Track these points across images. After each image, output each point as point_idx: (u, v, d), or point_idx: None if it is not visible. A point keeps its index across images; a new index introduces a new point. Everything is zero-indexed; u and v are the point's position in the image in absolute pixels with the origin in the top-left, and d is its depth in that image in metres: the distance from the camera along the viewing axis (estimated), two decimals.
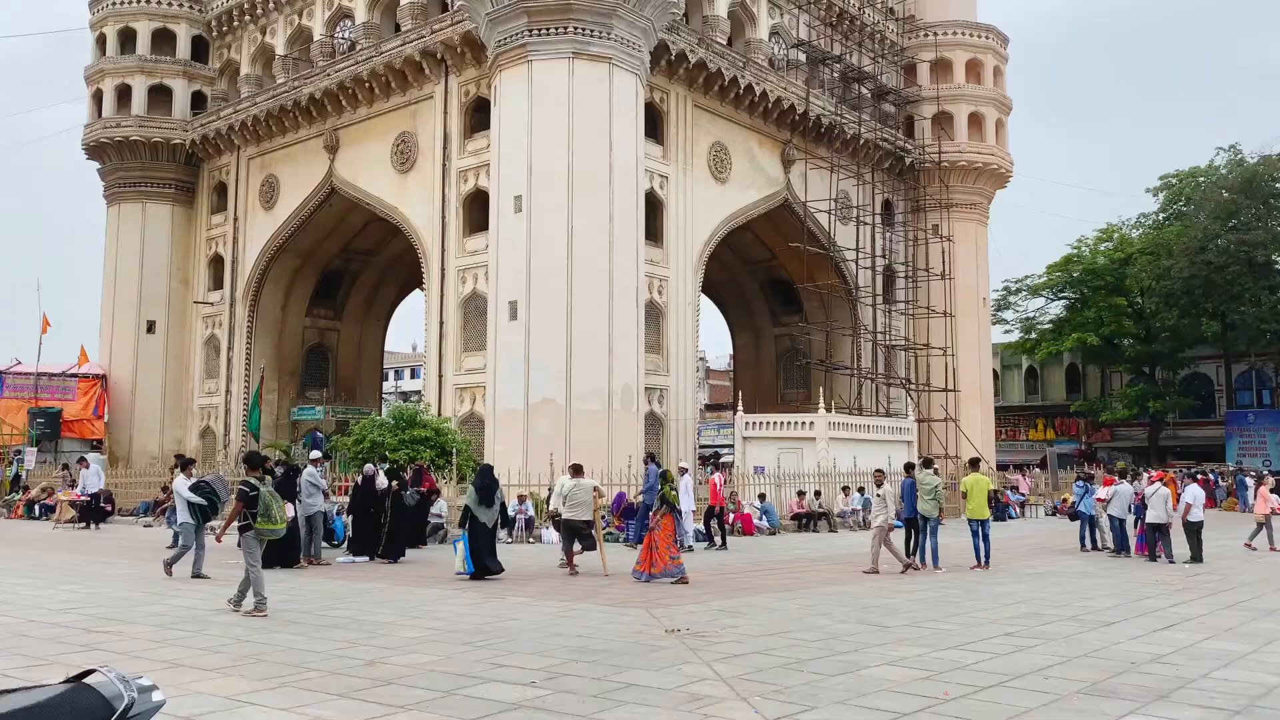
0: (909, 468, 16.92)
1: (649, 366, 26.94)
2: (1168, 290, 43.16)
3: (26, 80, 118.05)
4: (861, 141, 34.92)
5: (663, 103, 29.19)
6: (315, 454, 17.45)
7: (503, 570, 13.90)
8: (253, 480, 10.55)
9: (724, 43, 31.00)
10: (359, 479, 16.83)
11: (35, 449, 32.84)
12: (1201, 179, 46.24)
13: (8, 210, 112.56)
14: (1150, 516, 16.82)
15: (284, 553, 14.24)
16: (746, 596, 12.28)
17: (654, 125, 28.57)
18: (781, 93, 32.16)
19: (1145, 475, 21.18)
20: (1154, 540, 16.96)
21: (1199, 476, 27.02)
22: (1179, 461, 40.32)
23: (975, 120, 38.11)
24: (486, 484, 14.21)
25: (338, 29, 33.31)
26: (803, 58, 34.04)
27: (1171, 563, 16.45)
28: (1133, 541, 17.88)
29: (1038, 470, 37.66)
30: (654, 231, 28.12)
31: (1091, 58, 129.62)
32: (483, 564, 13.62)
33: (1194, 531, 16.78)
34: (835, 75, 35.15)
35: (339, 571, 14.91)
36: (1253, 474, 32.89)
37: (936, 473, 16.52)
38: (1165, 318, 44.68)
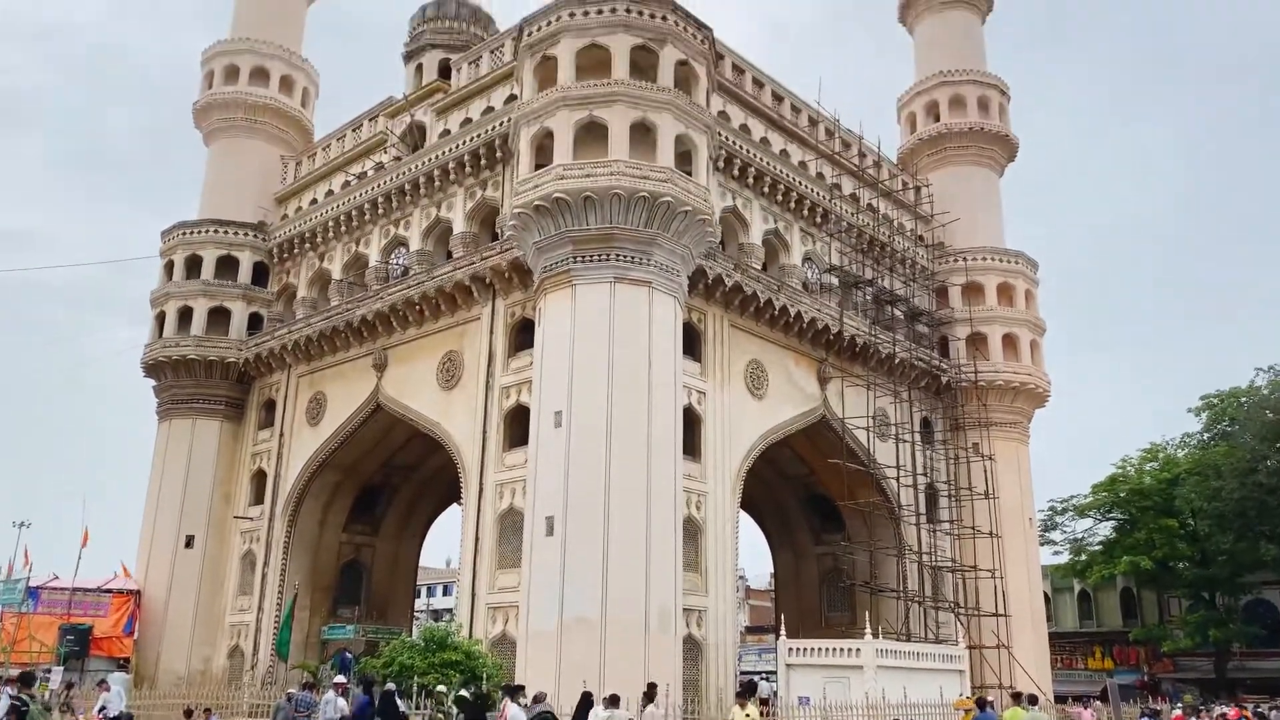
0: (982, 704, 16.22)
1: (687, 586, 26.27)
2: (1220, 512, 41.95)
3: (82, 301, 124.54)
4: (897, 361, 35.38)
5: (700, 322, 30.01)
6: (339, 679, 16.93)
7: None
8: (24, 698, 11.04)
9: (759, 268, 32.17)
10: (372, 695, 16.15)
11: (62, 667, 32.20)
12: (1244, 399, 45.91)
13: (62, 428, 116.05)
14: None
15: None
16: None
17: (692, 343, 29.25)
18: (815, 314, 32.99)
19: (1216, 710, 19.80)
20: None
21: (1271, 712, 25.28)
22: (1250, 696, 37.77)
23: (1010, 341, 38.62)
24: (389, 712, 14.06)
25: (393, 255, 35.10)
26: (835, 281, 35.11)
27: None
28: None
29: (1098, 703, 35.45)
30: (692, 447, 28.18)
31: (1123, 276, 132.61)
32: None
33: None
34: (868, 297, 36.10)
35: None
36: None
37: (1041, 709, 15.80)
38: (1220, 541, 43.15)
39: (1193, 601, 47.14)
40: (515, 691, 14.88)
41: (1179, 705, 21.77)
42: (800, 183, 34.23)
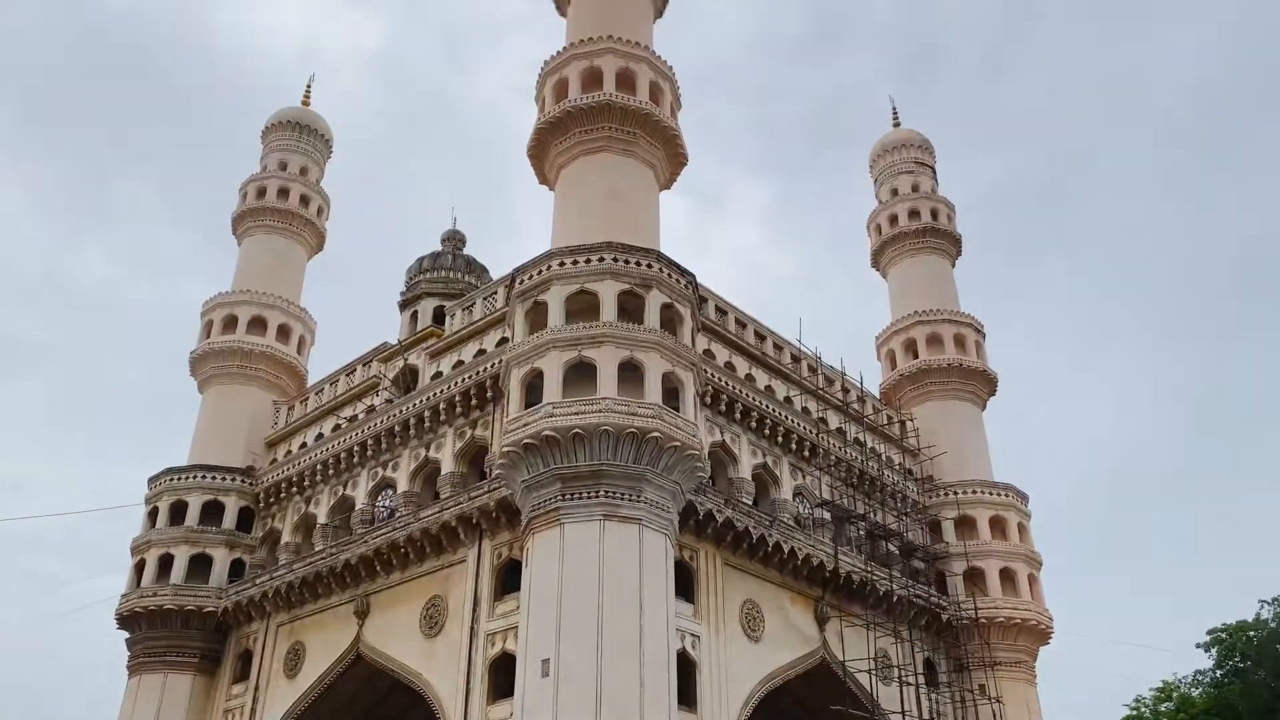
0: None
1: None
2: None
3: (73, 552, 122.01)
4: (895, 598, 34.51)
5: (692, 560, 29.42)
6: None
7: None
8: None
9: (750, 502, 31.97)
10: None
11: None
12: (1252, 633, 44.65)
13: (29, 683, 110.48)
14: None
15: None
16: None
17: (685, 583, 28.52)
18: (810, 550, 32.47)
19: None
20: None
21: None
22: None
23: (1007, 575, 37.85)
24: None
25: (380, 497, 34.82)
26: (828, 515, 34.83)
27: None
28: None
29: None
30: (687, 696, 26.77)
31: (1115, 504, 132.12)
32: None
33: None
34: (861, 533, 35.69)
35: None
36: None
37: None
38: None
39: None
40: None
41: None
42: (787, 417, 34.69)
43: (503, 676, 26.95)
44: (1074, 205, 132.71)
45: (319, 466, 36.74)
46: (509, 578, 28.51)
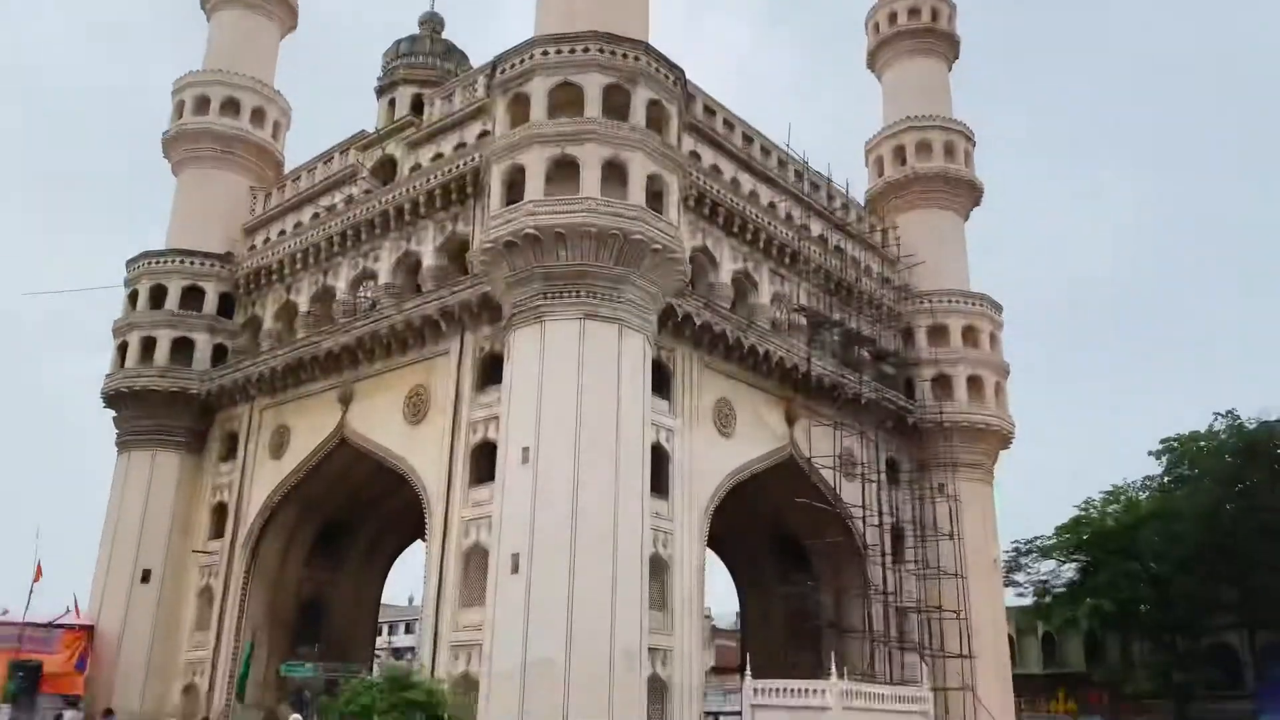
0: None
1: (652, 625, 26.06)
2: (1181, 556, 42.50)
3: (43, 331, 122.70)
4: (864, 401, 35.60)
5: (669, 360, 30.06)
6: (295, 717, 16.51)
7: None
8: None
9: (728, 306, 32.35)
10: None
11: (10, 705, 31.28)
12: (1203, 444, 46.63)
13: (15, 459, 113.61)
14: None
15: None
16: None
17: (661, 381, 29.26)
18: (784, 354, 33.17)
19: None
20: None
21: None
22: None
23: (974, 383, 38.97)
24: None
25: (361, 288, 34.91)
26: (804, 321, 35.36)
27: None
28: None
29: None
30: (659, 484, 28.09)
31: (1081, 324, 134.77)
32: None
33: None
34: (835, 338, 36.37)
35: None
36: None
37: None
38: (1181, 584, 43.64)
39: (1154, 644, 47.42)
40: None
41: None
42: (769, 223, 34.55)
43: (484, 462, 27.99)
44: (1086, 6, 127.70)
45: (299, 255, 36.58)
46: (491, 371, 29.09)
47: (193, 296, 38.24)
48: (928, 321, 39.58)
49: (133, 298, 38.49)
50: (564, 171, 26.10)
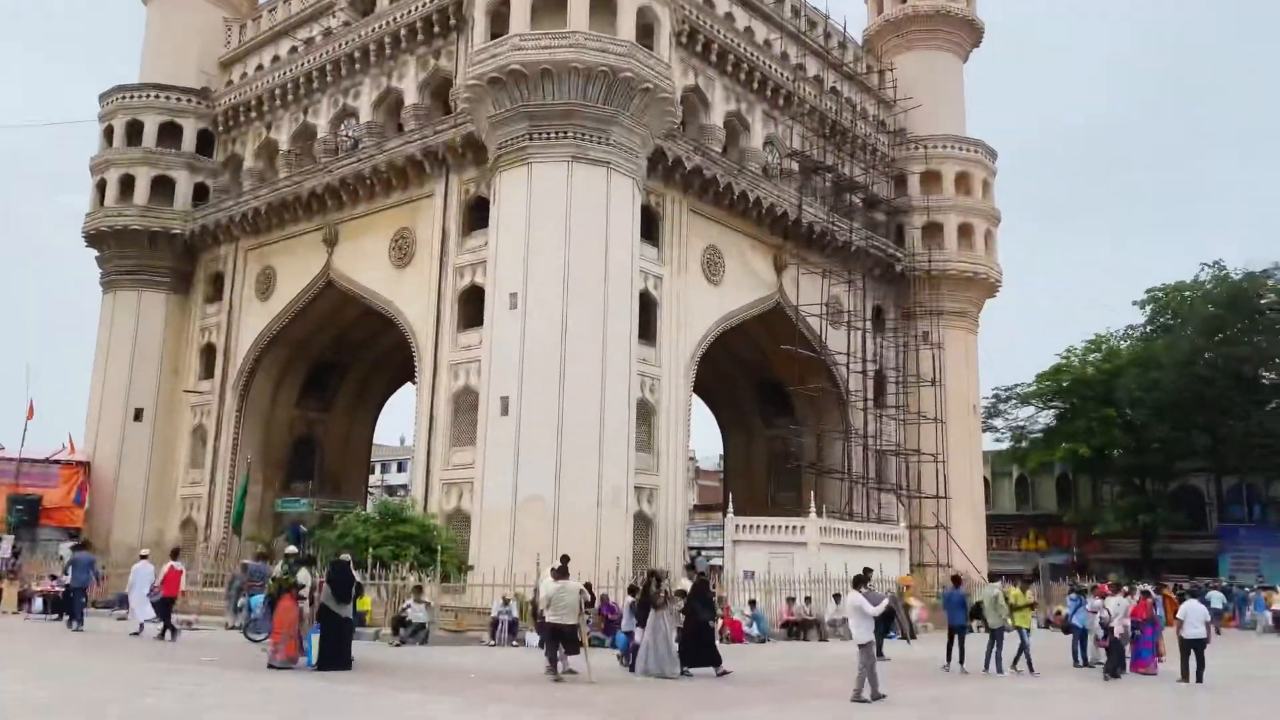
0: (956, 579, 18.47)
1: (639, 465, 26.76)
2: (1157, 403, 43.32)
3: (25, 172, 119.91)
4: (853, 249, 35.47)
5: (658, 206, 29.69)
6: (290, 549, 17.01)
7: (350, 668, 13.96)
8: None
9: (719, 150, 31.72)
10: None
11: (12, 536, 32.21)
12: (1187, 294, 46.91)
13: (4, 298, 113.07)
14: (1188, 632, 16.40)
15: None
16: (738, 709, 11.91)
17: (649, 227, 29.01)
18: (774, 200, 32.78)
19: (1139, 588, 20.86)
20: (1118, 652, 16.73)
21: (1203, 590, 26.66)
22: (1172, 576, 39.79)
23: (965, 231, 38.78)
24: (341, 580, 14.40)
25: (341, 127, 34.02)
26: (796, 166, 34.81)
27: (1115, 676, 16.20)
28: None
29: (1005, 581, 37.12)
30: (647, 331, 28.29)
31: (1074, 174, 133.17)
32: (333, 657, 13.91)
33: (1193, 649, 16.37)
34: (827, 184, 35.90)
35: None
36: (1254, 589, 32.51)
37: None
38: (1155, 430, 44.73)
39: (1124, 487, 49.01)
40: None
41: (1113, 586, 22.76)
42: (764, 62, 33.50)
43: (472, 307, 28.02)
44: None
45: (277, 90, 35.43)
46: (477, 214, 28.73)
47: (170, 133, 37.24)
48: (921, 167, 39.02)
49: (108, 134, 37.44)
50: (551, 3, 25.02)
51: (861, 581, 14.13)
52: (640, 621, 15.45)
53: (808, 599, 24.44)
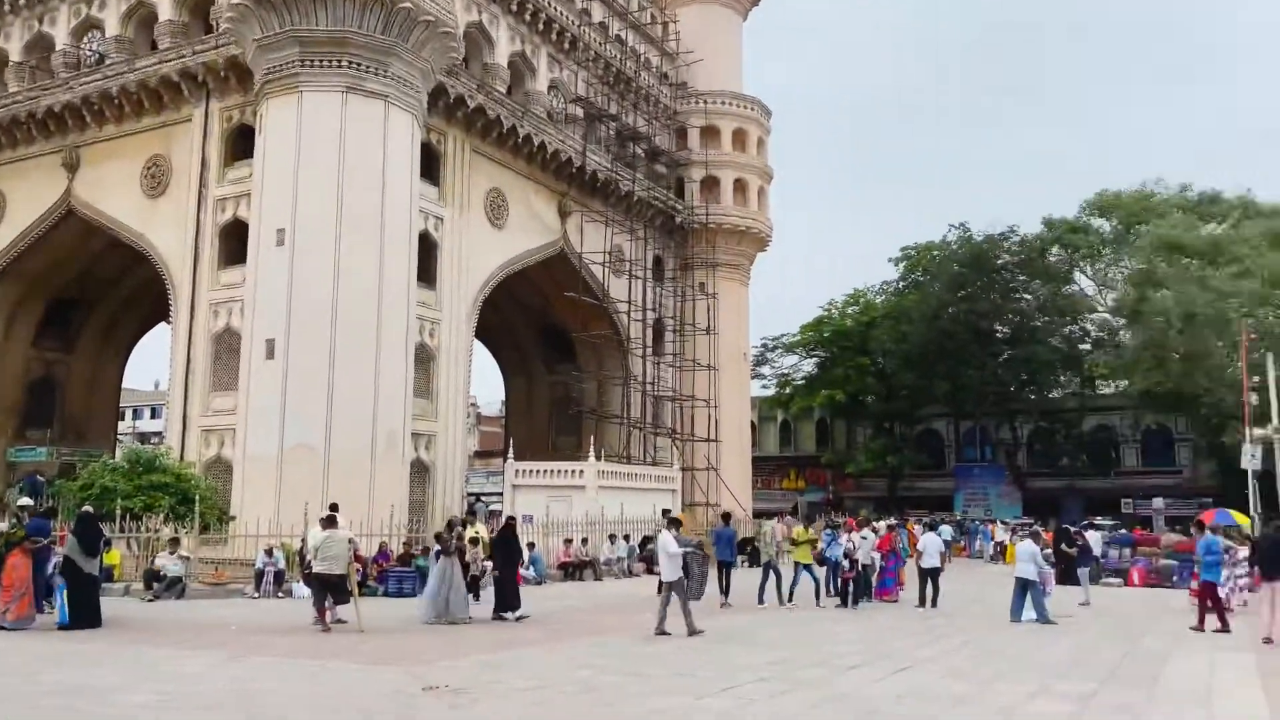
0: (726, 517, 19.31)
1: (417, 411, 26.23)
2: (906, 353, 46.97)
3: None
4: (635, 199, 35.96)
5: (440, 144, 28.86)
6: (24, 501, 15.60)
7: (100, 625, 13.35)
8: None
9: (504, 91, 31.13)
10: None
11: None
12: (936, 253, 50.82)
13: None
14: (925, 562, 18.02)
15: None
16: (512, 650, 12.02)
17: (430, 166, 28.17)
18: (559, 145, 32.62)
19: (883, 523, 22.71)
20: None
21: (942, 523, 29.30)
22: (915, 510, 43.50)
23: (740, 186, 40.13)
24: (88, 533, 13.79)
25: (85, 39, 30.78)
26: (580, 113, 34.74)
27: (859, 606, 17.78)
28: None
29: (789, 517, 39.57)
30: (427, 273, 27.57)
31: (849, 136, 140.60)
32: (80, 615, 13.26)
33: (930, 577, 18.04)
34: (611, 133, 36.10)
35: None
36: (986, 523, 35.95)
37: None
38: (904, 378, 48.52)
39: (876, 431, 53.06)
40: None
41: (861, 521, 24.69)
42: (550, 3, 33.02)
43: (235, 243, 26.29)
44: None
45: None
46: (241, 143, 26.85)
47: None
48: (701, 122, 39.92)
49: None
50: None
51: (674, 524, 14.63)
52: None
53: (584, 540, 24.95)
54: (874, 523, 23.02)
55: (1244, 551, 18.07)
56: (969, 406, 49.20)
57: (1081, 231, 47.73)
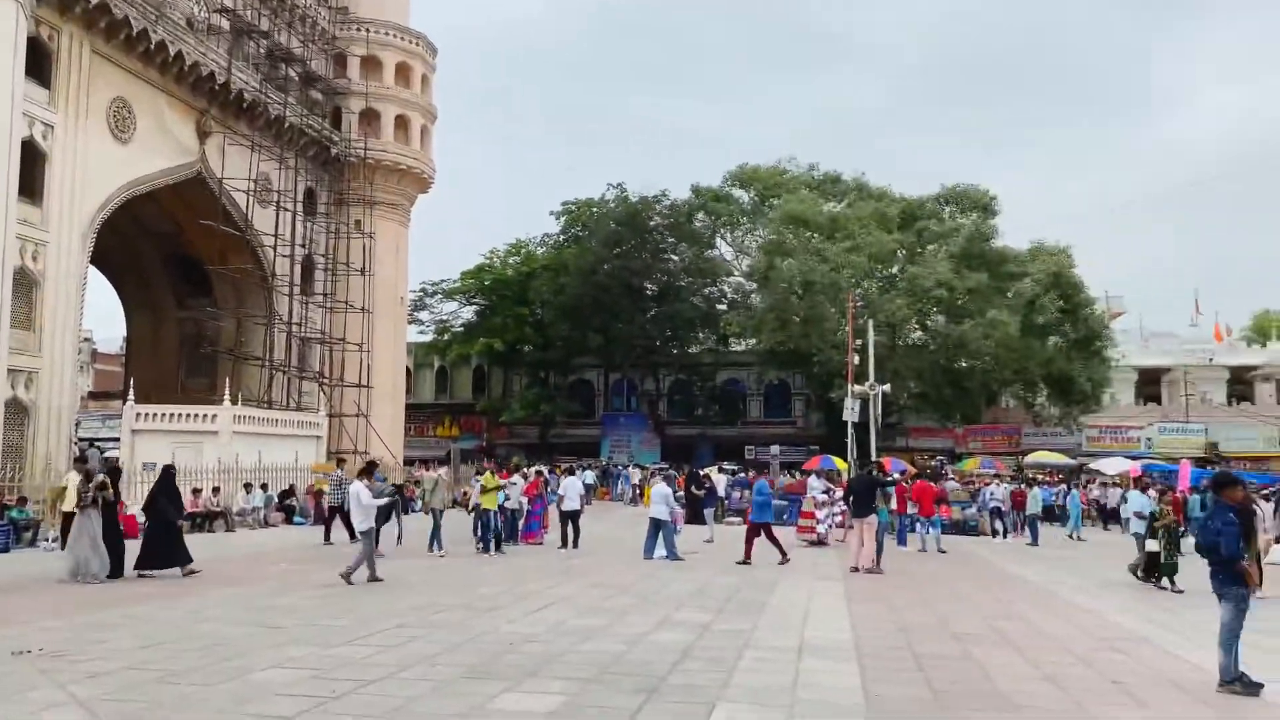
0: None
1: (14, 345, 22.99)
2: (563, 305, 48.26)
3: None
4: (286, 125, 33.62)
5: (52, 40, 25.17)
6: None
7: None
8: None
9: None
10: None
11: None
12: (595, 210, 52.45)
13: None
14: (566, 505, 18.64)
15: None
16: (122, 607, 10.97)
17: (39, 65, 24.53)
18: (199, 58, 29.69)
19: (533, 469, 23.35)
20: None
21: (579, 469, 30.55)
22: (564, 457, 45.04)
23: (402, 123, 38.80)
24: None
25: None
26: (226, 25, 31.79)
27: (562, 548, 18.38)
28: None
29: (441, 468, 39.45)
30: (32, 187, 24.09)
31: (507, 91, 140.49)
32: None
33: (570, 519, 18.77)
34: (261, 51, 33.42)
35: None
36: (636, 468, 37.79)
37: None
38: (560, 329, 49.87)
39: (531, 380, 54.21)
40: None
41: (506, 467, 25.20)
42: None
43: None
44: None
45: None
46: None
47: None
48: (362, 51, 38.03)
49: None
50: None
51: (367, 472, 14.70)
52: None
53: (215, 489, 23.30)
54: (523, 469, 23.57)
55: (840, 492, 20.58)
56: (619, 358, 51.57)
57: (724, 200, 51.39)
